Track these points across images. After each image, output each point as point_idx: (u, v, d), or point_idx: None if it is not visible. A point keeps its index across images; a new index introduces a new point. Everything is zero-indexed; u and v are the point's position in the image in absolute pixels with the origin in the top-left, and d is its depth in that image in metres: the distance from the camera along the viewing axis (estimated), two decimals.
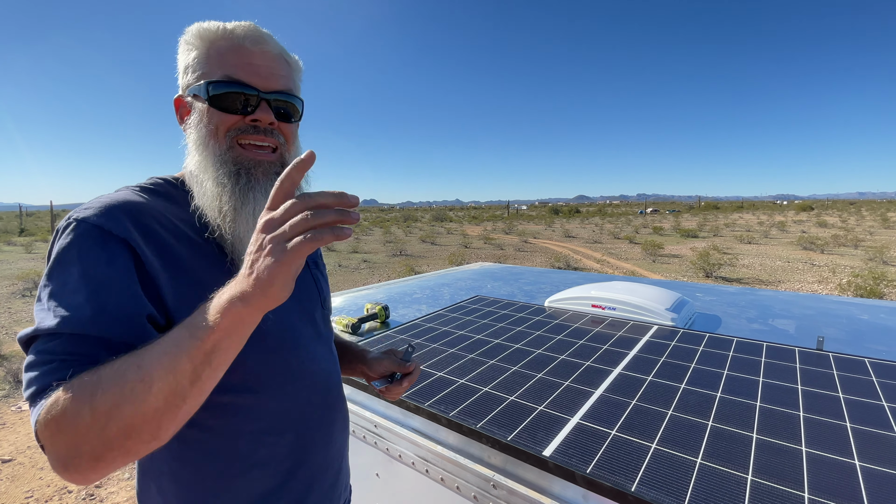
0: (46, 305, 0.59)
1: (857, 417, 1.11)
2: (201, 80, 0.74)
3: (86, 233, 0.63)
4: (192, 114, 0.76)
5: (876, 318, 2.04)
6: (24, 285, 10.32)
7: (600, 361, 1.48)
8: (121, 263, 0.63)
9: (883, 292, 8.50)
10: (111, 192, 0.72)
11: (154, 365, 0.52)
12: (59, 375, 0.54)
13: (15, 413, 4.27)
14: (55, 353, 0.56)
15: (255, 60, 0.75)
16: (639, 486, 0.87)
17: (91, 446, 0.51)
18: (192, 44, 0.76)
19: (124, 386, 0.51)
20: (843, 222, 32.13)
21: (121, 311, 0.61)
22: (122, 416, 0.51)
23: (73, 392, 0.52)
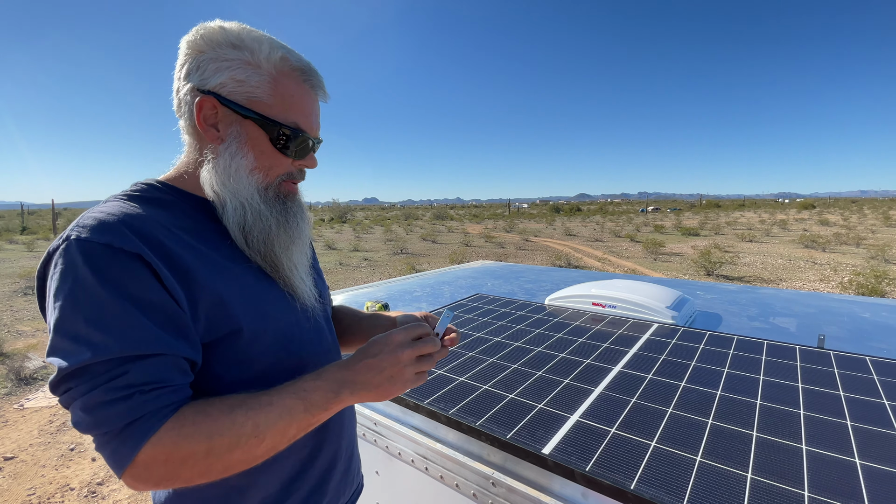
0: (85, 332, 0.58)
1: (858, 416, 1.10)
2: (260, 109, 0.73)
3: (99, 253, 0.60)
4: (233, 133, 0.73)
5: (877, 317, 2.03)
6: (26, 283, 10.35)
7: (600, 359, 1.48)
8: (146, 279, 0.62)
9: (885, 291, 8.48)
10: (100, 205, 0.68)
11: (269, 427, 0.62)
12: (158, 405, 0.59)
13: (17, 411, 4.29)
14: (136, 379, 0.59)
15: (315, 109, 0.80)
16: (638, 484, 0.87)
17: (191, 475, 0.60)
18: (254, 62, 0.72)
19: (240, 438, 0.61)
20: (844, 220, 32.05)
21: (171, 326, 0.63)
22: (231, 459, 0.61)
23: (191, 432, 0.59)
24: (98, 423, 0.57)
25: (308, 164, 0.82)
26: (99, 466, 3.40)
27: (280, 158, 0.77)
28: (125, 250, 0.61)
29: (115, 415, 0.57)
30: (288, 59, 0.75)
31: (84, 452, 3.60)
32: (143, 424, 0.57)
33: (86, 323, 0.58)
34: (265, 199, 0.77)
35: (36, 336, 6.65)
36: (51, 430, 3.92)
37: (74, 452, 3.59)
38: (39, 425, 4.01)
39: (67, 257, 0.60)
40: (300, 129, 0.76)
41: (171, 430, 0.58)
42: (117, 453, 0.57)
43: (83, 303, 0.59)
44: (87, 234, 0.61)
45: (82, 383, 0.57)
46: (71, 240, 0.61)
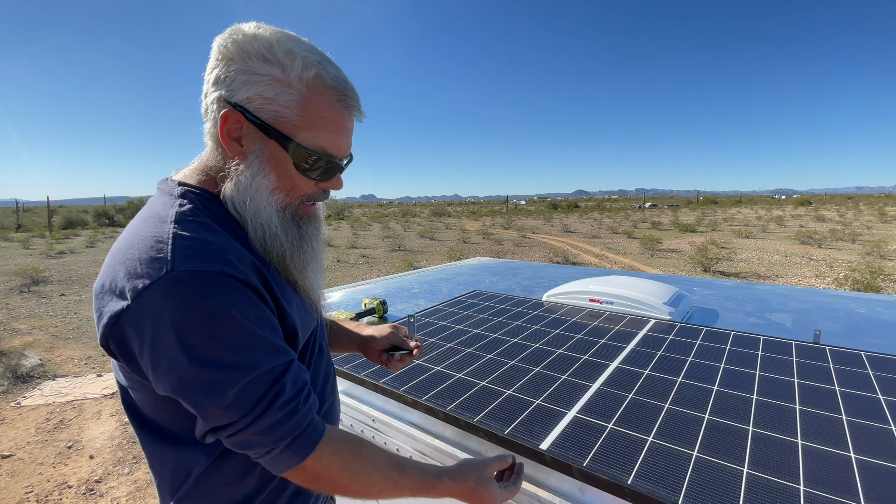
0: (235, 355, 0.61)
1: (853, 410, 1.11)
2: (286, 130, 0.69)
3: (219, 282, 0.61)
4: (255, 151, 0.71)
5: (873, 312, 2.05)
6: (22, 281, 10.30)
7: (598, 355, 1.49)
8: (257, 299, 0.66)
9: (880, 286, 8.53)
10: (170, 225, 0.65)
11: (385, 498, 0.74)
12: (314, 411, 0.70)
13: (14, 409, 4.28)
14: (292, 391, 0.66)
15: (348, 129, 0.75)
16: (635, 478, 0.87)
17: (326, 489, 0.71)
18: (285, 81, 0.68)
19: (368, 491, 0.72)
20: (840, 217, 32.18)
21: (280, 335, 0.70)
22: (352, 495, 0.72)
23: (344, 465, 0.70)
24: (274, 441, 0.64)
25: (333, 186, 0.78)
26: (97, 464, 3.40)
27: (303, 180, 0.74)
28: (236, 277, 0.63)
29: (286, 431, 0.65)
30: (322, 76, 0.69)
31: (82, 450, 3.59)
32: (308, 438, 0.67)
33: (226, 349, 0.61)
34: (281, 221, 0.74)
35: (32, 334, 6.62)
36: (48, 428, 3.91)
37: (72, 450, 3.59)
38: (36, 423, 4.00)
39: (183, 288, 0.59)
40: (327, 152, 0.73)
41: (330, 454, 0.69)
42: (288, 460, 0.66)
43: (217, 331, 0.60)
44: (197, 264, 0.61)
45: (248, 411, 0.62)
46: (181, 271, 0.59)
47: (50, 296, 9.27)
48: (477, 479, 0.80)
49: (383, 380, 1.35)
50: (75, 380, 4.96)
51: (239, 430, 0.62)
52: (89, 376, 5.06)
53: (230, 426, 0.62)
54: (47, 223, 28.54)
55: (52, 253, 16.18)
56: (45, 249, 16.82)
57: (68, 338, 6.47)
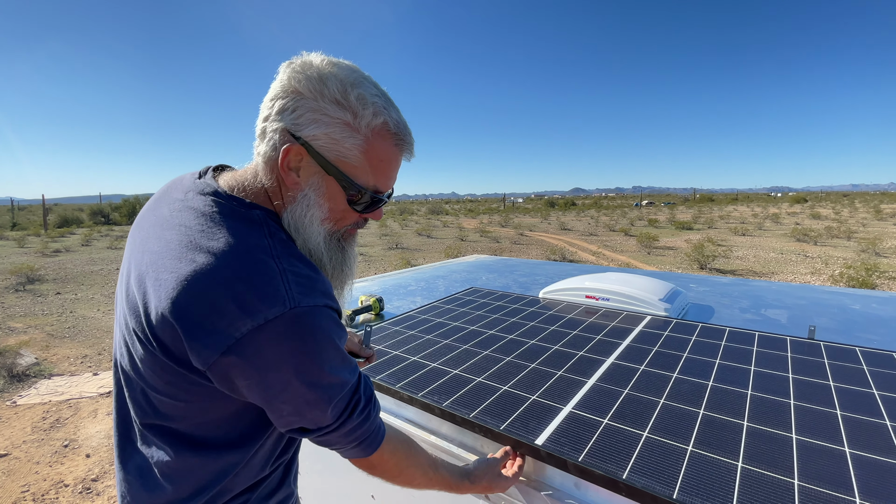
0: (340, 371, 0.71)
1: (848, 405, 1.12)
2: (345, 169, 0.73)
3: (328, 315, 0.70)
4: (313, 183, 0.74)
5: (867, 308, 2.06)
6: (17, 280, 10.25)
7: (593, 351, 1.49)
8: (343, 327, 0.76)
9: (875, 283, 8.58)
10: (276, 260, 0.69)
11: (424, 486, 0.89)
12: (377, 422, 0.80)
13: (10, 408, 4.26)
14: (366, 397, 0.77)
15: (396, 171, 0.80)
16: (630, 473, 0.87)
17: (382, 474, 0.83)
18: (354, 126, 0.71)
19: (412, 481, 0.86)
20: (836, 214, 32.32)
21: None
22: (398, 481, 0.86)
23: (400, 457, 0.83)
24: (351, 442, 0.76)
25: (375, 217, 0.84)
26: (93, 463, 3.39)
27: (350, 212, 0.79)
28: (334, 308, 0.73)
29: (362, 434, 0.76)
30: (388, 124, 0.74)
31: (78, 449, 3.58)
32: (377, 436, 0.79)
33: (330, 371, 0.70)
34: (328, 248, 0.80)
35: (28, 333, 6.59)
36: (44, 427, 3.90)
37: (68, 449, 3.58)
38: (33, 422, 3.98)
39: (304, 323, 0.67)
40: (378, 191, 0.78)
41: (392, 450, 0.81)
42: (362, 452, 0.78)
43: (326, 358, 0.69)
44: (312, 299, 0.68)
45: (333, 420, 0.72)
46: (301, 308, 0.66)
47: (45, 294, 9.23)
48: (490, 479, 0.95)
49: (379, 376, 1.35)
50: (71, 378, 4.94)
51: (326, 433, 0.73)
52: (85, 375, 5.04)
53: (318, 430, 0.72)
54: (43, 221, 28.38)
55: (47, 251, 16.10)
56: (40, 248, 16.73)
57: (64, 336, 6.45)
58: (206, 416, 0.73)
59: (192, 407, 0.72)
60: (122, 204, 36.63)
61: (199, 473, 0.74)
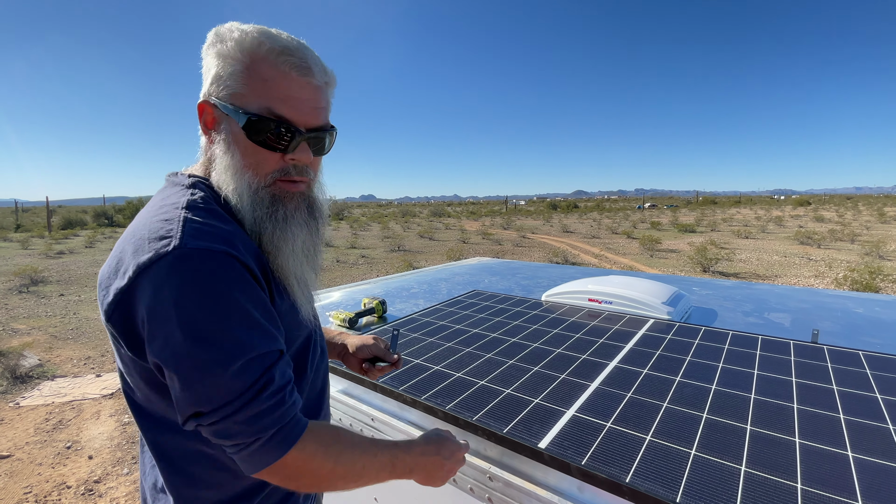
0: (228, 334, 0.60)
1: (851, 409, 1.11)
2: (236, 101, 0.69)
3: (221, 260, 0.61)
4: (222, 132, 0.71)
5: (871, 312, 2.05)
6: (21, 281, 10.29)
7: (596, 355, 1.49)
8: (256, 286, 0.66)
9: (879, 286, 8.54)
10: (181, 210, 0.66)
11: (368, 472, 0.72)
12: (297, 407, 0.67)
13: (13, 409, 4.27)
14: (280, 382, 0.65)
15: (299, 94, 0.70)
16: (633, 477, 0.87)
17: (308, 483, 0.68)
18: (230, 55, 0.69)
19: (351, 471, 0.70)
20: (839, 217, 32.21)
21: (276, 325, 0.68)
22: (337, 483, 0.70)
23: (326, 452, 0.68)
24: (256, 432, 0.62)
25: (298, 159, 0.73)
26: (96, 464, 3.40)
27: (263, 153, 0.71)
28: (239, 259, 0.63)
29: (270, 422, 0.62)
30: (263, 41, 0.68)
31: (80, 451, 3.59)
32: (290, 431, 0.65)
33: (220, 329, 0.59)
34: (257, 202, 0.72)
35: (31, 334, 6.62)
36: (47, 429, 3.91)
37: (71, 451, 3.59)
38: (35, 423, 3.99)
39: (189, 264, 0.59)
40: (276, 114, 0.69)
41: (312, 443, 0.67)
42: (266, 455, 0.63)
43: (214, 308, 0.59)
44: (205, 242, 0.61)
45: (234, 397, 0.60)
46: (187, 248, 0.60)
47: (49, 296, 9.26)
48: (439, 437, 0.87)
49: (382, 379, 1.35)
50: (74, 380, 4.96)
51: (224, 416, 0.60)
52: (88, 376, 5.06)
53: (215, 412, 0.60)
54: (46, 223, 28.50)
55: (51, 253, 16.16)
56: (44, 249, 16.80)
57: (67, 338, 6.47)
58: (151, 389, 0.68)
59: (136, 378, 0.68)
60: (126, 206, 36.74)
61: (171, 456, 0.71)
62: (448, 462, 0.85)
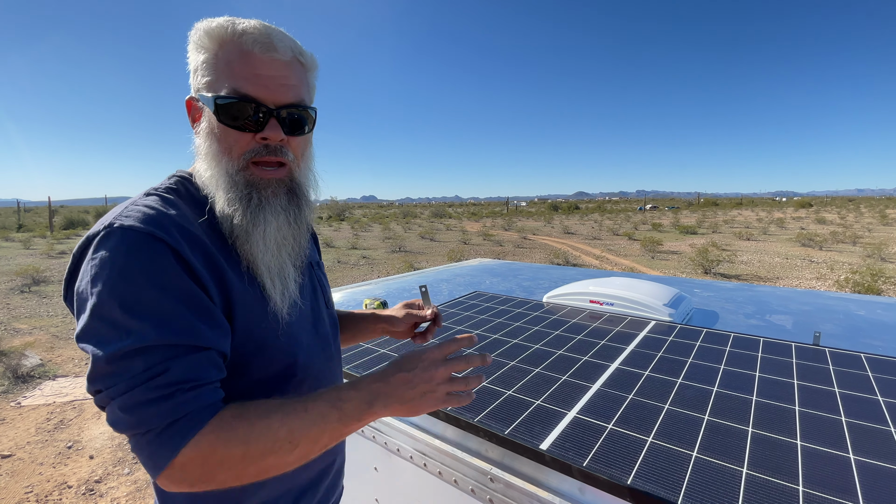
0: (122, 319, 0.57)
1: (853, 412, 1.11)
2: (209, 89, 0.70)
3: (141, 241, 0.60)
4: (202, 121, 0.73)
5: (873, 314, 2.05)
6: (23, 281, 10.31)
7: (598, 356, 1.49)
8: (186, 272, 0.63)
9: (881, 289, 8.53)
10: (141, 198, 0.68)
11: (303, 432, 0.61)
12: (199, 405, 0.59)
13: (14, 408, 4.28)
14: (177, 377, 0.58)
15: (265, 70, 0.70)
16: (635, 478, 0.87)
17: (225, 478, 0.59)
18: (202, 44, 0.71)
19: (275, 442, 0.59)
20: (841, 219, 32.16)
21: (208, 319, 0.63)
22: (264, 464, 0.59)
23: (229, 436, 0.58)
24: (139, 423, 0.56)
25: (268, 137, 0.71)
26: (97, 464, 3.40)
27: (234, 135, 0.70)
28: (167, 242, 0.61)
29: (156, 414, 0.56)
30: (226, 27, 0.69)
31: (82, 450, 3.59)
32: (184, 426, 0.57)
33: (123, 310, 0.57)
34: (233, 185, 0.71)
35: (33, 334, 6.63)
36: (48, 428, 3.91)
37: (72, 450, 3.59)
38: (37, 423, 4.00)
39: (109, 243, 0.60)
40: (240, 93, 0.68)
41: (209, 432, 0.57)
42: (156, 454, 0.56)
43: (122, 289, 0.58)
44: (131, 222, 0.61)
45: (121, 381, 0.56)
46: (114, 227, 0.61)
47: (51, 296, 9.28)
48: (410, 365, 0.69)
49: None
50: (76, 380, 4.97)
51: (111, 398, 0.57)
52: None
53: (103, 394, 0.57)
54: (48, 223, 28.56)
55: (52, 253, 16.20)
56: (46, 249, 16.84)
57: (69, 338, 6.48)
58: None
59: None
60: None
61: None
62: (418, 374, 0.68)
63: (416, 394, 0.68)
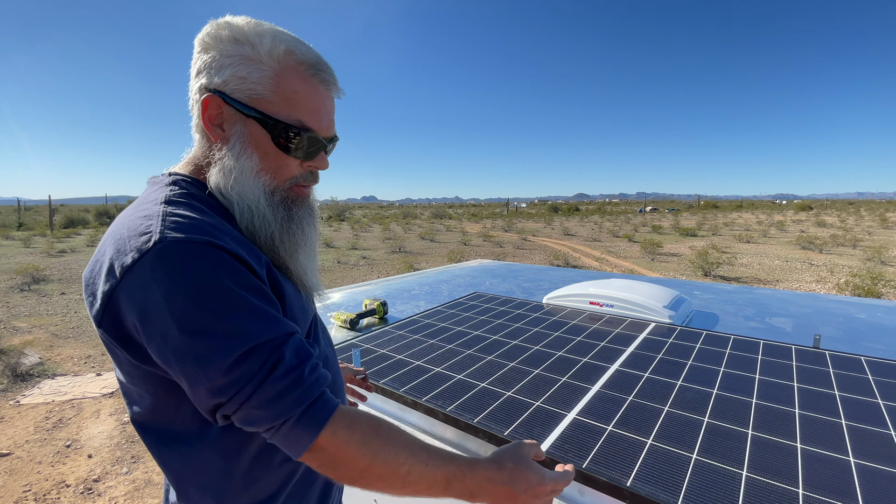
0: (223, 327, 0.58)
1: (853, 415, 1.11)
2: (264, 108, 0.69)
3: (206, 251, 0.60)
4: (234, 129, 0.71)
5: (873, 317, 2.05)
6: (23, 280, 10.31)
7: (598, 358, 1.49)
8: (251, 273, 0.64)
9: (881, 292, 8.52)
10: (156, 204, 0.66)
11: (416, 481, 0.65)
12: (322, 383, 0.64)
13: (13, 407, 4.28)
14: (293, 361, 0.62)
15: (324, 107, 0.74)
16: (634, 480, 0.87)
17: (344, 474, 0.63)
18: (256, 58, 0.69)
19: (394, 474, 0.63)
20: (841, 222, 32.17)
21: (280, 311, 0.67)
22: (376, 483, 0.64)
23: (360, 441, 0.63)
24: (279, 415, 0.60)
25: (318, 166, 0.77)
26: (95, 463, 3.40)
27: (285, 160, 0.73)
28: (226, 249, 0.62)
29: (292, 402, 0.60)
30: (293, 52, 0.70)
31: (80, 449, 3.59)
32: (319, 412, 0.62)
33: (216, 317, 0.58)
34: (271, 204, 0.73)
35: (32, 332, 6.63)
36: (47, 427, 3.91)
37: (70, 449, 3.59)
38: (35, 422, 4.00)
39: (170, 258, 0.58)
40: (306, 127, 0.72)
41: (346, 429, 0.62)
42: (300, 437, 0.60)
43: (208, 298, 0.58)
44: (183, 234, 0.60)
45: (245, 384, 0.58)
46: (167, 240, 0.59)
47: (50, 294, 9.28)
48: (516, 460, 0.71)
49: (383, 380, 1.35)
50: (75, 378, 4.96)
51: (242, 402, 0.59)
52: (89, 375, 5.06)
53: (231, 402, 0.59)
54: (49, 222, 28.57)
55: (53, 252, 16.20)
56: (46, 248, 16.84)
57: (68, 336, 6.48)
58: (152, 397, 0.67)
59: (137, 388, 0.68)
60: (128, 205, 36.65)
61: (179, 470, 0.69)
62: (524, 497, 0.68)
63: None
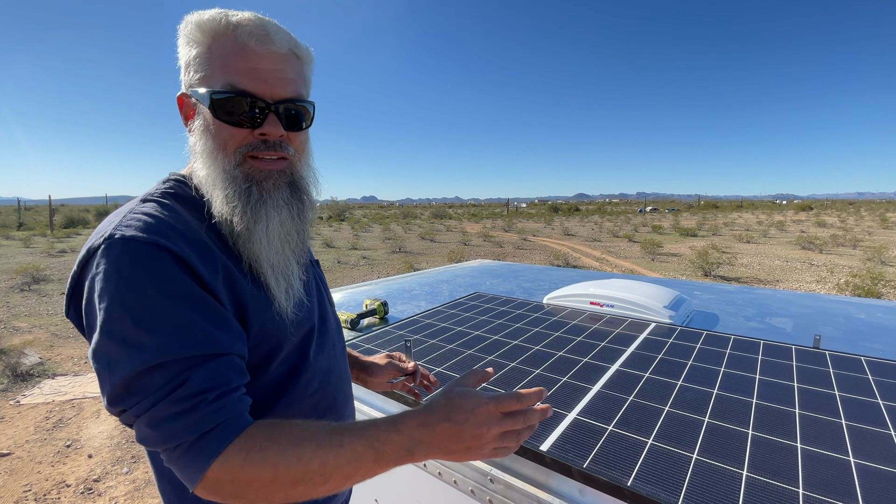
0: (136, 335, 0.55)
1: (853, 415, 1.11)
2: (203, 84, 0.68)
3: (145, 252, 0.58)
4: (197, 118, 0.70)
5: (873, 318, 2.05)
6: (23, 279, 10.31)
7: (598, 358, 1.49)
8: (195, 280, 0.61)
9: (881, 292, 8.53)
10: (139, 205, 0.66)
11: (336, 468, 0.59)
12: (225, 415, 0.58)
13: (13, 407, 4.28)
14: (198, 387, 0.57)
15: (262, 64, 0.67)
16: (635, 480, 0.87)
17: (255, 497, 0.58)
18: (193, 38, 0.68)
19: (306, 473, 0.58)
20: (841, 222, 32.16)
21: (223, 324, 0.63)
22: (294, 491, 0.58)
23: (258, 457, 0.57)
24: (167, 438, 0.56)
25: (266, 132, 0.69)
26: (95, 463, 3.40)
27: (231, 130, 0.68)
28: (171, 250, 0.59)
29: (182, 429, 0.56)
30: (219, 20, 0.66)
31: (80, 449, 3.59)
32: (212, 441, 0.56)
33: (135, 325, 0.56)
34: (231, 181, 0.68)
35: (32, 332, 6.63)
36: (47, 427, 3.91)
37: (71, 449, 3.59)
38: (36, 422, 4.00)
39: (112, 255, 0.58)
40: (236, 88, 0.66)
41: (239, 451, 0.57)
42: (188, 467, 0.56)
43: (132, 303, 0.56)
44: (133, 232, 0.59)
45: (143, 398, 0.55)
46: (115, 238, 0.59)
47: (50, 294, 9.28)
48: (447, 394, 0.66)
49: None
50: (75, 378, 4.96)
51: (136, 416, 0.56)
52: (89, 375, 5.06)
53: (127, 413, 0.57)
54: (49, 222, 28.57)
55: (53, 252, 16.21)
56: (46, 248, 16.85)
57: (68, 336, 6.48)
58: None
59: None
60: None
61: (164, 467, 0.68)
62: (467, 429, 0.62)
63: (461, 448, 0.63)
